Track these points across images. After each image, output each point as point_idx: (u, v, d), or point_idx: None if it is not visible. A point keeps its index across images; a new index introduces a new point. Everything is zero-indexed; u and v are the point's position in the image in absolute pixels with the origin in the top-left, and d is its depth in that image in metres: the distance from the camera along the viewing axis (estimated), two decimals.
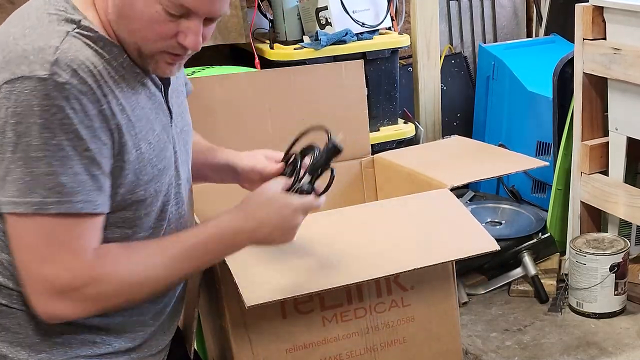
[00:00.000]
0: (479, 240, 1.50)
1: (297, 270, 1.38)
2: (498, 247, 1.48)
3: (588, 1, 2.38)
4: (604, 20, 2.37)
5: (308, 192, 1.26)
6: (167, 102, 1.27)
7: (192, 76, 2.01)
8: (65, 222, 1.09)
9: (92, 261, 1.13)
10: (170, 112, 1.28)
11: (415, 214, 1.58)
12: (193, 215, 1.41)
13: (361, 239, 1.48)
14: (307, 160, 1.31)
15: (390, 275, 1.46)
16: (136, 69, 1.18)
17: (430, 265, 1.44)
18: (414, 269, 1.41)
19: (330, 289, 1.36)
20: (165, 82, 1.26)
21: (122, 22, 1.14)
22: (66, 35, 1.10)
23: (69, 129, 1.06)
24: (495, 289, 2.60)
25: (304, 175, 1.28)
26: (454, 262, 1.58)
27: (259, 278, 1.35)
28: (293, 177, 1.30)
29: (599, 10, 2.36)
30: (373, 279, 1.43)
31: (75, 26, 1.12)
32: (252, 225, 1.24)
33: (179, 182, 1.30)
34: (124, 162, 1.16)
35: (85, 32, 1.12)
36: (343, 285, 1.38)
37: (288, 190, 1.27)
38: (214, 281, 1.48)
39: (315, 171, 1.28)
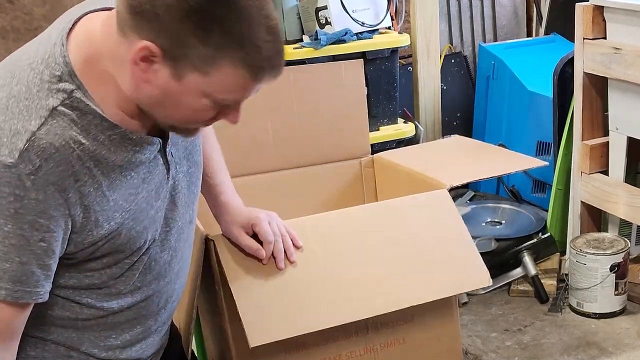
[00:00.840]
0: (475, 274, 1.52)
1: (301, 304, 1.39)
2: (490, 283, 1.51)
3: (588, 1, 2.38)
4: (604, 20, 2.37)
5: None
6: (165, 157, 1.21)
7: None
8: None
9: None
10: (168, 165, 1.22)
11: (412, 232, 1.58)
12: (190, 253, 1.40)
13: (362, 263, 1.48)
14: None
15: (389, 312, 1.49)
16: (128, 140, 1.12)
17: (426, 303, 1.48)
18: (410, 307, 1.47)
19: (332, 327, 1.38)
20: (165, 137, 1.20)
21: (160, 110, 1.09)
22: (49, 114, 1.04)
23: (24, 219, 1.03)
24: (495, 289, 2.60)
25: None
26: None
27: (264, 313, 1.36)
28: None
29: (599, 9, 2.36)
30: (372, 317, 1.46)
31: (64, 98, 1.06)
32: None
33: (168, 229, 1.26)
34: (94, 236, 1.12)
35: (75, 105, 1.06)
36: (341, 324, 1.41)
37: None
38: (213, 282, 1.47)
39: None
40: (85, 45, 1.08)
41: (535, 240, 2.61)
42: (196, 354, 1.81)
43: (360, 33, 2.71)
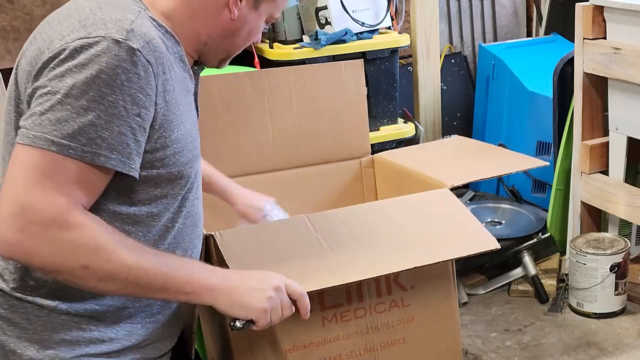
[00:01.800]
0: (480, 239, 1.49)
1: (297, 270, 1.37)
2: (498, 246, 1.48)
3: (588, 1, 2.38)
4: (604, 20, 2.37)
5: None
6: (195, 100, 1.35)
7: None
8: (88, 171, 1.11)
9: (81, 212, 1.12)
10: (198, 111, 1.37)
11: (416, 213, 1.58)
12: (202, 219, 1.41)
13: (361, 238, 1.47)
14: None
15: (390, 273, 1.46)
16: (184, 63, 1.27)
17: (431, 264, 1.43)
18: (415, 268, 1.41)
19: (330, 287, 1.35)
20: (197, 81, 1.36)
21: (229, 39, 1.32)
22: (139, 13, 1.18)
23: (128, 92, 1.11)
24: (495, 289, 2.60)
25: None
26: (454, 262, 1.58)
27: None
28: None
29: (599, 9, 2.36)
30: (373, 278, 1.42)
31: (144, 8, 1.21)
32: (230, 284, 1.25)
33: (198, 177, 1.35)
34: (166, 139, 1.20)
35: (151, 16, 1.21)
36: (343, 284, 1.37)
37: None
38: None
39: None
40: None
41: (535, 240, 2.61)
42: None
43: (360, 33, 2.71)
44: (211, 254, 1.45)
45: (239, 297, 1.24)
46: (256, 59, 2.65)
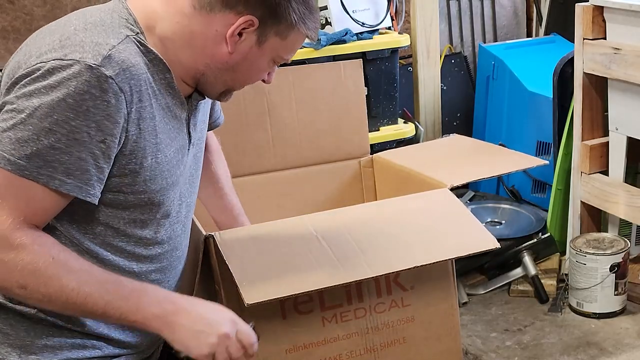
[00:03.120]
0: (480, 238, 1.49)
1: (297, 270, 1.37)
2: (498, 245, 1.48)
3: (588, 1, 2.38)
4: (604, 20, 2.37)
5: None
6: (188, 127, 1.31)
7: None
8: (42, 193, 1.11)
9: (30, 232, 1.12)
10: (190, 138, 1.33)
11: (416, 213, 1.58)
12: (187, 243, 1.41)
13: (361, 238, 1.47)
14: None
15: (390, 272, 1.46)
16: (173, 89, 1.24)
17: (431, 263, 1.43)
18: (415, 267, 1.41)
19: (330, 287, 1.35)
20: (193, 110, 1.32)
21: (228, 73, 1.27)
22: (125, 38, 1.16)
23: (93, 118, 1.10)
24: (495, 289, 2.60)
25: None
26: (454, 262, 1.58)
27: (258, 277, 1.34)
28: None
29: (599, 10, 2.36)
30: (373, 277, 1.42)
31: (135, 33, 1.19)
32: (178, 306, 1.21)
33: (181, 202, 1.33)
34: (138, 166, 1.19)
35: (142, 42, 1.19)
36: (343, 284, 1.37)
37: None
38: (213, 282, 1.48)
39: None
40: (144, 13, 1.22)
41: (535, 240, 2.61)
42: None
43: (360, 33, 2.71)
44: (211, 254, 1.45)
45: (182, 335, 1.20)
46: None
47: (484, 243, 1.48)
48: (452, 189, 1.67)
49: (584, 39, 2.41)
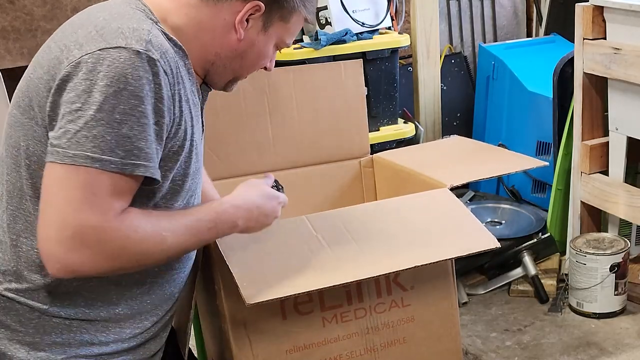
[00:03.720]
0: (480, 238, 1.49)
1: (297, 270, 1.37)
2: (498, 245, 1.47)
3: (588, 1, 2.38)
4: (604, 20, 2.37)
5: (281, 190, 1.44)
6: (202, 114, 1.35)
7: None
8: (125, 179, 1.13)
9: (121, 217, 1.15)
10: (203, 125, 1.35)
11: (416, 213, 1.58)
12: None
13: (362, 237, 1.47)
14: None
15: (390, 272, 1.45)
16: (192, 76, 1.27)
17: (431, 263, 1.43)
18: (415, 267, 1.41)
19: (330, 287, 1.35)
20: (205, 98, 1.35)
21: (236, 61, 1.30)
22: (152, 25, 1.19)
23: (152, 101, 1.13)
24: (495, 289, 2.60)
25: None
26: (453, 262, 1.58)
27: (259, 277, 1.34)
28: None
29: (599, 9, 2.36)
30: (373, 277, 1.42)
31: (154, 22, 1.21)
32: (245, 205, 1.32)
33: (192, 194, 1.34)
34: (178, 148, 1.22)
35: (163, 29, 1.21)
36: (343, 284, 1.37)
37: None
38: (213, 281, 1.48)
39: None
40: (154, 6, 1.23)
41: (535, 240, 2.61)
42: (196, 355, 1.81)
43: (360, 33, 2.71)
44: (211, 253, 1.45)
45: (254, 231, 1.36)
46: None
47: (484, 243, 1.48)
48: (452, 189, 1.67)
49: (584, 39, 2.41)
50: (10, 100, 1.32)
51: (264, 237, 1.42)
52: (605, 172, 2.50)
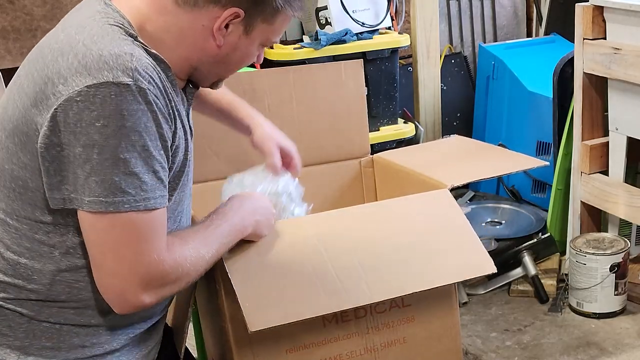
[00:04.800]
0: (478, 262, 1.51)
1: (299, 292, 1.38)
2: (495, 270, 1.50)
3: (588, 1, 2.38)
4: (604, 20, 2.37)
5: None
6: (188, 120, 1.33)
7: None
8: (149, 217, 1.14)
9: (170, 251, 1.18)
10: (191, 130, 1.33)
11: (414, 222, 1.58)
12: None
13: (364, 260, 1.47)
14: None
15: (391, 298, 1.48)
16: (175, 87, 1.25)
17: (430, 289, 1.47)
18: (413, 293, 1.45)
19: (330, 313, 1.38)
20: (190, 102, 1.33)
21: (220, 65, 1.28)
22: (132, 43, 1.15)
23: (151, 131, 1.12)
24: (495, 289, 2.60)
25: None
26: None
27: (263, 300, 1.35)
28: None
29: (599, 9, 2.36)
30: (373, 304, 1.45)
31: (134, 37, 1.18)
32: (250, 214, 1.38)
33: (182, 202, 1.34)
34: (177, 164, 1.22)
35: (142, 44, 1.18)
36: (342, 310, 1.40)
37: None
38: (214, 281, 1.48)
39: None
40: (132, 15, 1.20)
41: (535, 240, 2.61)
42: (196, 355, 1.81)
43: (360, 33, 2.71)
44: None
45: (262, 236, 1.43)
46: None
47: (481, 268, 1.51)
48: (452, 189, 1.67)
49: (584, 39, 2.41)
50: None
51: (263, 241, 1.42)
52: (605, 172, 2.50)
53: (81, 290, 1.21)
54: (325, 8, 2.65)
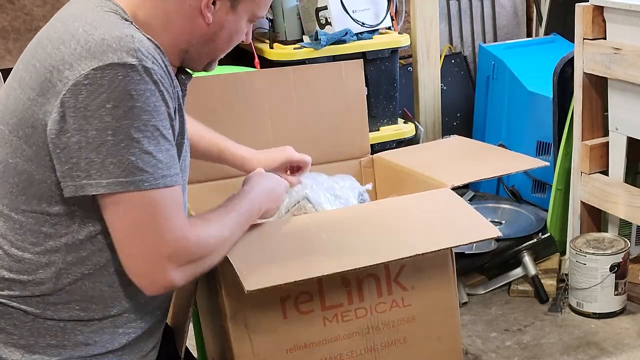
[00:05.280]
0: (481, 228, 1.50)
1: (298, 259, 1.38)
2: (500, 234, 1.48)
3: (588, 1, 2.38)
4: (604, 20, 2.37)
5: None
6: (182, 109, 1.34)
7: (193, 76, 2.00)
8: (168, 194, 1.15)
9: (192, 229, 1.20)
10: (184, 118, 1.33)
11: (418, 209, 1.58)
12: None
13: (364, 231, 1.48)
14: None
15: (392, 260, 1.45)
16: (172, 70, 1.25)
17: (432, 252, 1.43)
18: (416, 255, 1.41)
19: (332, 279, 1.36)
20: (184, 92, 1.34)
21: (210, 44, 1.28)
22: (131, 28, 1.16)
23: (160, 110, 1.14)
24: (495, 289, 2.60)
25: None
26: (454, 263, 1.58)
27: (259, 266, 1.35)
28: None
29: (599, 9, 2.37)
30: (374, 265, 1.42)
31: (131, 23, 1.19)
32: (263, 191, 1.44)
33: (185, 190, 1.35)
34: (178, 147, 1.23)
35: (139, 30, 1.19)
36: (342, 272, 1.37)
37: None
38: (215, 280, 1.48)
39: None
40: (124, 3, 1.21)
41: (535, 240, 2.61)
42: (196, 354, 1.81)
43: (361, 33, 2.71)
44: None
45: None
46: (256, 59, 2.65)
47: (485, 232, 1.49)
48: (452, 189, 1.67)
49: (584, 39, 2.41)
50: None
51: (266, 231, 1.43)
52: (605, 172, 2.51)
53: (86, 282, 1.21)
54: (325, 8, 2.65)
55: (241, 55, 2.81)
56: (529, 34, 3.84)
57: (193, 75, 1.36)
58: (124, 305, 1.27)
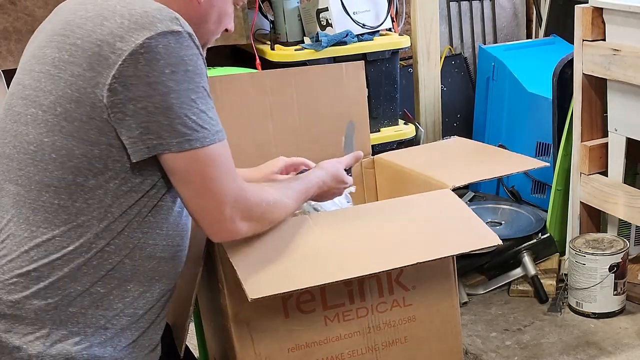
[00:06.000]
0: (482, 236, 1.50)
1: (300, 266, 1.38)
2: (500, 242, 1.48)
3: (587, 2, 2.39)
4: (603, 22, 2.38)
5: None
6: None
7: None
8: (224, 148, 1.25)
9: (249, 187, 1.31)
10: None
11: (418, 212, 1.59)
12: None
13: (363, 236, 1.48)
14: None
15: (392, 269, 1.46)
16: None
17: (433, 260, 1.44)
18: (417, 263, 1.42)
19: (333, 283, 1.36)
20: None
21: (204, 25, 1.33)
22: (155, 2, 1.21)
23: (204, 72, 1.22)
24: (495, 289, 2.61)
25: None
26: (455, 263, 1.59)
27: (262, 273, 1.35)
28: None
29: (598, 11, 2.37)
30: (374, 273, 1.43)
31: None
32: (322, 182, 1.55)
33: None
34: None
35: None
36: (345, 280, 1.38)
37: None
38: (216, 280, 1.49)
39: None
40: None
41: (535, 240, 2.62)
42: (197, 354, 1.82)
43: (361, 35, 2.72)
44: (214, 251, 1.46)
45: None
46: (257, 61, 2.66)
47: (486, 240, 1.49)
48: (453, 190, 1.68)
49: (583, 40, 2.42)
50: None
51: (268, 236, 1.43)
52: (605, 173, 2.52)
53: (111, 255, 1.23)
54: (326, 9, 2.66)
55: (243, 57, 2.82)
56: (528, 36, 3.85)
57: None
58: (140, 284, 1.28)
